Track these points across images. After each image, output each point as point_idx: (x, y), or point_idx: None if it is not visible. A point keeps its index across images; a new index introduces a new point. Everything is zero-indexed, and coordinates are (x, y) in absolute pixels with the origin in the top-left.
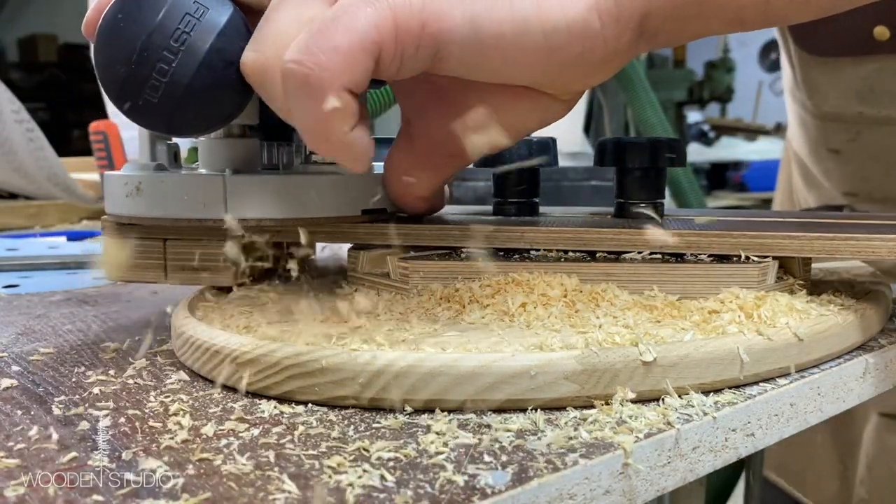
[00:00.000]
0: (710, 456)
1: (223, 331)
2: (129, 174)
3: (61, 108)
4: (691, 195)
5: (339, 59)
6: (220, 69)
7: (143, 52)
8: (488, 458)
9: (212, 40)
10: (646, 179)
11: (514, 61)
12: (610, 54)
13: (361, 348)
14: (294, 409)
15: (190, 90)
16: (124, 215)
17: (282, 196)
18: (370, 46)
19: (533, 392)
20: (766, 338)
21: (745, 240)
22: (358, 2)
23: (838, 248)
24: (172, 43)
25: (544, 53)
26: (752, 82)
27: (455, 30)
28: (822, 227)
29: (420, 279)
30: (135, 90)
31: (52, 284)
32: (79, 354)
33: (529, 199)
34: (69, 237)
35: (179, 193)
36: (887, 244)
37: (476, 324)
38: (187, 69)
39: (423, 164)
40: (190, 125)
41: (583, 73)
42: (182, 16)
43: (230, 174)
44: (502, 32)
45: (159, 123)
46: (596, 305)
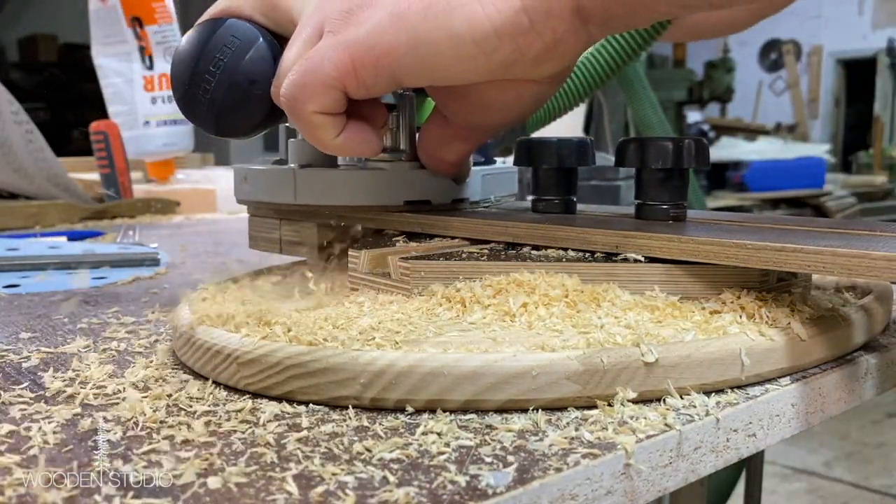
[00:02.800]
0: (712, 456)
1: (224, 330)
2: (243, 167)
3: (61, 108)
4: (691, 195)
5: (307, 92)
6: (246, 87)
7: (193, 75)
8: (490, 458)
9: (239, 66)
10: (668, 181)
11: (458, 69)
12: (550, 45)
13: (363, 349)
14: (295, 409)
15: (223, 104)
16: (238, 199)
17: (335, 186)
18: (331, 83)
19: (534, 392)
20: (767, 338)
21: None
22: (327, 47)
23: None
24: (211, 68)
25: (482, 57)
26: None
27: (402, 57)
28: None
29: (421, 279)
30: (191, 104)
31: (52, 284)
32: (79, 354)
33: (567, 197)
34: (69, 237)
35: (266, 182)
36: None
37: (477, 324)
38: (221, 88)
39: (451, 137)
40: (229, 130)
41: (532, 64)
42: (221, 47)
43: (298, 168)
44: (440, 50)
45: (209, 128)
46: (597, 305)
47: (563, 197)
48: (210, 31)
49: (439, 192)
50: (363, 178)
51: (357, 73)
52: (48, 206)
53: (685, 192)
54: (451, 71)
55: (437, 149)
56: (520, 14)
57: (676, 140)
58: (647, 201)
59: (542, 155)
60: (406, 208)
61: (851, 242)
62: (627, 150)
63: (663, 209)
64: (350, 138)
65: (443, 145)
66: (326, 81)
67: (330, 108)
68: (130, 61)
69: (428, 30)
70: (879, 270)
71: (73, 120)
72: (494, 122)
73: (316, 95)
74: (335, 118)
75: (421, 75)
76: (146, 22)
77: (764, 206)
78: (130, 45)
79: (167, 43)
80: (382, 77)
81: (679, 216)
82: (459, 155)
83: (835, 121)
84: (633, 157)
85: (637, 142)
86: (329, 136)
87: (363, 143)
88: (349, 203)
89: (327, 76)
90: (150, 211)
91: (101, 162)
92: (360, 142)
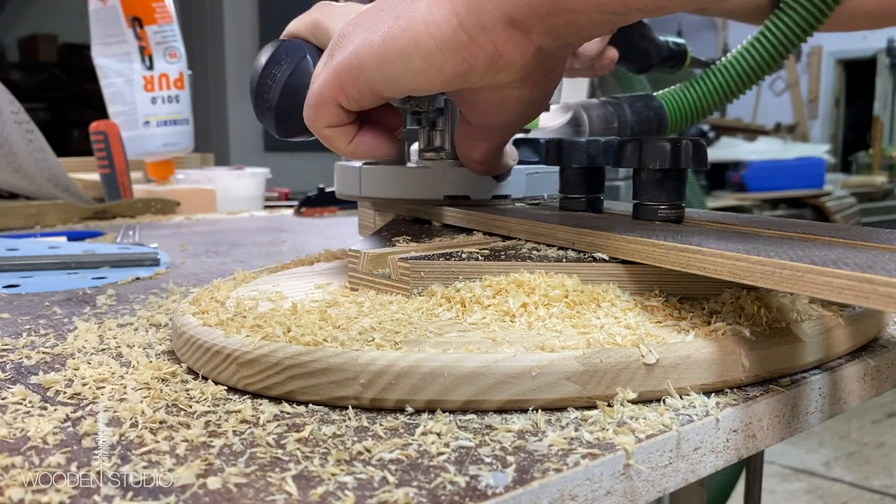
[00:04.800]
0: (712, 457)
1: (221, 329)
2: (339, 164)
3: (61, 108)
4: (691, 195)
5: (315, 112)
6: (292, 97)
7: (258, 86)
8: (489, 458)
9: (286, 78)
10: (665, 181)
11: (419, 81)
12: (494, 56)
13: (363, 349)
14: (295, 409)
15: (279, 110)
16: (337, 193)
17: (386, 181)
18: (327, 101)
19: (534, 392)
20: (767, 339)
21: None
22: (323, 70)
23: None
24: (268, 81)
25: (435, 71)
26: None
27: (374, 75)
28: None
29: (421, 279)
30: (259, 110)
31: (52, 284)
32: (79, 355)
33: (594, 195)
34: (69, 237)
35: (347, 179)
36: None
37: (477, 324)
38: (276, 97)
39: (473, 136)
40: (288, 132)
41: (486, 73)
42: (277, 63)
43: (362, 165)
44: (399, 67)
45: (273, 131)
46: (597, 306)
47: (590, 195)
48: (272, 49)
49: (478, 188)
50: (408, 174)
51: (344, 90)
52: (48, 206)
53: (682, 192)
54: (414, 83)
55: (465, 147)
56: (458, 31)
57: (674, 140)
58: (644, 202)
59: (571, 154)
60: (446, 202)
61: (794, 250)
62: (625, 151)
63: (661, 210)
64: (361, 143)
65: (468, 144)
66: (323, 100)
67: (334, 121)
68: (130, 61)
69: (387, 51)
70: (788, 280)
71: (73, 120)
72: (497, 123)
73: (320, 114)
74: (343, 129)
75: (393, 88)
76: (146, 22)
77: (763, 206)
78: (130, 45)
79: (167, 43)
80: (364, 92)
81: (674, 217)
82: (483, 152)
83: (835, 121)
84: (630, 157)
85: (635, 142)
86: (342, 144)
87: (374, 147)
88: (396, 196)
89: (323, 95)
90: (150, 211)
91: (101, 162)
92: (371, 146)
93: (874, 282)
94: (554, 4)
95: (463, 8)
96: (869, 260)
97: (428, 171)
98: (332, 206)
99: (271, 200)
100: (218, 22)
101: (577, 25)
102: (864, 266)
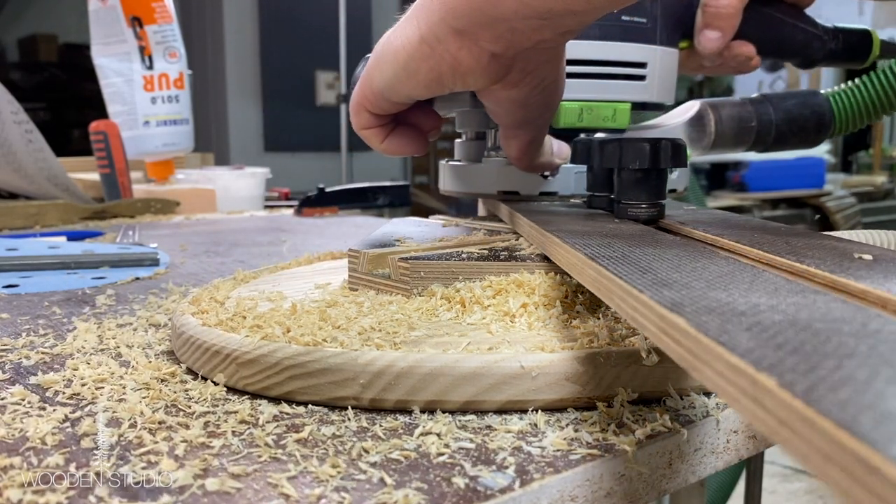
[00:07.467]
0: (712, 458)
1: (222, 330)
2: (440, 163)
3: (61, 108)
4: (691, 195)
5: (352, 116)
6: None
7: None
8: (489, 459)
9: None
10: (645, 181)
11: (407, 88)
12: (454, 63)
13: (362, 349)
14: (294, 409)
15: None
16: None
17: (453, 177)
18: (357, 107)
19: (534, 393)
20: None
21: None
22: (356, 86)
23: None
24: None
25: (413, 79)
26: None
27: (379, 84)
28: None
29: (421, 279)
30: None
31: (52, 284)
32: (78, 355)
33: (657, 201)
34: (69, 237)
35: (441, 175)
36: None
37: (477, 324)
38: None
39: (506, 136)
40: None
41: (456, 79)
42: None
43: (444, 163)
44: (389, 77)
45: None
46: (597, 306)
47: (612, 194)
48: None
49: (527, 184)
50: (467, 171)
51: (366, 98)
52: (48, 206)
53: (662, 192)
54: (405, 90)
55: (503, 145)
56: (422, 44)
57: (653, 141)
58: (622, 201)
59: (597, 154)
60: (499, 197)
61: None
62: (605, 150)
63: (640, 209)
64: (392, 142)
65: (504, 142)
66: (355, 107)
67: (367, 124)
68: (130, 61)
69: (381, 63)
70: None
71: (73, 120)
72: (507, 122)
73: (356, 118)
74: (375, 130)
75: (395, 95)
76: (146, 22)
77: (764, 206)
78: (130, 45)
79: (167, 43)
80: (378, 98)
81: (653, 216)
82: (516, 149)
83: None
84: (610, 157)
85: (615, 142)
86: (375, 142)
87: (403, 146)
88: (463, 190)
89: (355, 102)
90: (150, 211)
91: (101, 162)
92: (401, 145)
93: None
94: (485, 15)
95: (424, 24)
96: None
97: (484, 168)
98: (333, 206)
99: (271, 200)
100: (218, 22)
101: (520, 32)
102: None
